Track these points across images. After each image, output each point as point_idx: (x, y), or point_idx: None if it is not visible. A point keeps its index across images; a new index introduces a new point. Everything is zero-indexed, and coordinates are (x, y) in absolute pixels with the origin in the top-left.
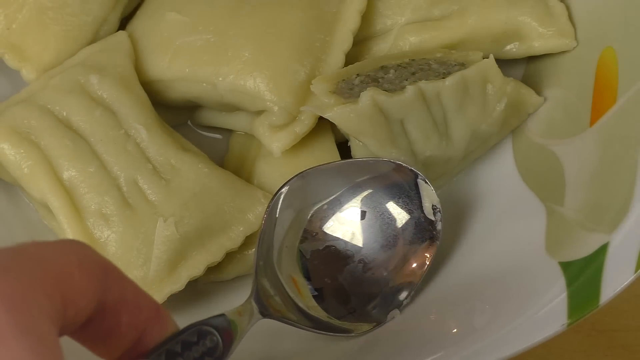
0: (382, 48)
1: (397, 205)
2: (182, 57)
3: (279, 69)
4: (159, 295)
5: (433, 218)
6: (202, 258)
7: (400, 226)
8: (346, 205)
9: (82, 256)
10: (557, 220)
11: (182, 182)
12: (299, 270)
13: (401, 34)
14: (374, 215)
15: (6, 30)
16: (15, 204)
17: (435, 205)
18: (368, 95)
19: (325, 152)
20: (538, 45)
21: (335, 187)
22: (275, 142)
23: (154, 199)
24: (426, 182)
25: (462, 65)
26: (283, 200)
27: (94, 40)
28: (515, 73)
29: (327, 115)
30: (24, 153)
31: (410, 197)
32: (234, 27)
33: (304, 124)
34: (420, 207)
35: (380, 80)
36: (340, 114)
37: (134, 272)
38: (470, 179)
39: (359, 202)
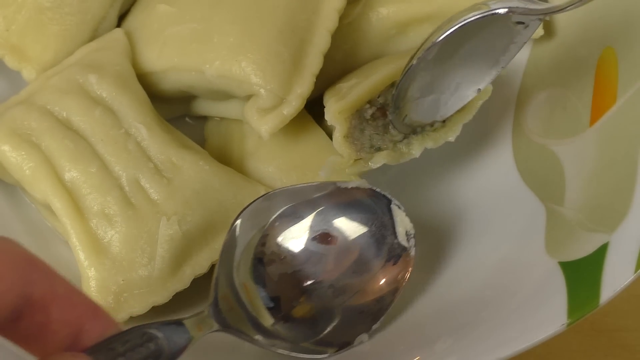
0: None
1: (370, 230)
2: (171, 47)
3: (263, 52)
4: (164, 293)
5: (407, 244)
6: (206, 255)
7: (371, 251)
8: (316, 229)
9: (0, 246)
10: (557, 220)
11: (184, 180)
12: (264, 290)
13: (371, 5)
14: (345, 239)
15: (5, 32)
16: (16, 204)
17: (409, 232)
18: (380, 163)
19: (315, 142)
20: None
21: (306, 209)
22: (264, 125)
23: (156, 197)
24: (399, 208)
25: None
26: (248, 218)
27: (92, 38)
28: (515, 73)
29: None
30: (25, 155)
31: (383, 222)
32: (219, 13)
33: (292, 106)
34: (394, 232)
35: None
36: (354, 173)
37: (139, 272)
38: (469, 179)
39: (330, 225)
